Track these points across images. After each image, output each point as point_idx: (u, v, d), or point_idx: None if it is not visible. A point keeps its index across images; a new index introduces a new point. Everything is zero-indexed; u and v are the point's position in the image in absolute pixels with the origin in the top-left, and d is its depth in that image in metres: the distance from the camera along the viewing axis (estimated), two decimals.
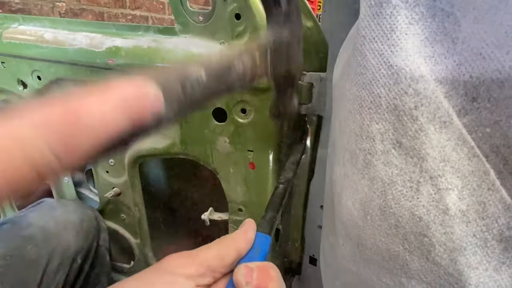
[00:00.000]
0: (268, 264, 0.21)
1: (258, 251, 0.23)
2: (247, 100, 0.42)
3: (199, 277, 0.20)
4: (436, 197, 0.18)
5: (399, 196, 0.20)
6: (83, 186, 0.71)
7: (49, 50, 0.51)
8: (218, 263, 0.21)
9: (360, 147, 0.21)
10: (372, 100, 0.19)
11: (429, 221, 0.19)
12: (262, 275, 0.20)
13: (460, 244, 0.18)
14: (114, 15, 1.55)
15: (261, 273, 0.20)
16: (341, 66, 0.24)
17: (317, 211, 0.49)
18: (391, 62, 0.18)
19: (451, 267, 0.19)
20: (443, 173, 0.18)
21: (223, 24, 0.41)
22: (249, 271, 0.20)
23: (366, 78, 0.19)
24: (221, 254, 0.21)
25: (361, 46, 0.19)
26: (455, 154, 0.17)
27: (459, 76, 0.16)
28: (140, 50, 0.45)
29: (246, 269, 0.20)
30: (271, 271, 0.21)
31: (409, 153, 0.19)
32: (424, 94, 0.17)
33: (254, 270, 0.20)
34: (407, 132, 0.18)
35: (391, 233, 0.21)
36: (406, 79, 0.18)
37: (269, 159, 0.45)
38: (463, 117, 0.17)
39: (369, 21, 0.18)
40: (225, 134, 0.45)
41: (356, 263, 0.27)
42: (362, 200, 0.23)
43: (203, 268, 0.20)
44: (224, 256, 0.21)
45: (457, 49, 0.16)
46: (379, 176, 0.21)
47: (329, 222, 0.33)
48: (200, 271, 0.20)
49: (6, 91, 0.60)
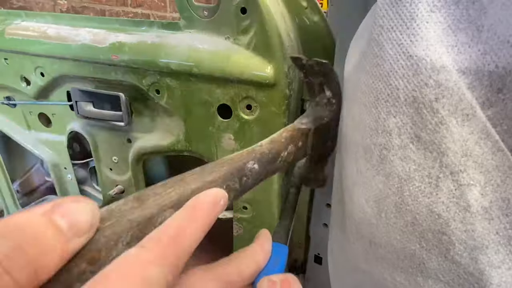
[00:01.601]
0: (290, 276, 0.21)
1: (276, 262, 0.23)
2: (252, 96, 0.41)
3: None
4: (456, 193, 0.18)
5: (417, 192, 0.19)
6: (86, 184, 0.71)
7: (52, 46, 0.50)
8: (237, 278, 0.21)
9: (376, 142, 0.21)
10: (389, 92, 0.19)
11: (448, 218, 0.18)
12: None
13: (482, 242, 0.17)
14: (115, 12, 1.54)
15: (284, 286, 0.20)
16: (354, 58, 0.24)
17: (322, 209, 0.48)
18: (410, 52, 0.17)
19: (472, 266, 0.18)
20: (464, 168, 0.17)
21: (228, 18, 0.40)
22: (273, 284, 0.20)
23: (383, 70, 0.19)
24: (240, 268, 0.21)
25: (378, 36, 0.18)
26: (478, 148, 0.17)
27: (484, 66, 0.16)
28: (144, 46, 0.45)
29: (269, 283, 0.20)
30: (293, 283, 0.21)
31: (428, 148, 0.18)
32: (445, 85, 0.16)
33: (277, 284, 0.20)
34: (426, 125, 0.18)
35: (407, 231, 0.21)
36: (427, 70, 0.17)
37: None
38: (487, 110, 0.16)
39: (387, 9, 0.18)
40: (229, 131, 0.44)
41: (367, 261, 0.26)
42: (376, 197, 0.22)
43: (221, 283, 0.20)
44: (243, 270, 0.21)
45: (482, 37, 0.15)
46: (396, 172, 0.20)
47: (338, 219, 0.33)
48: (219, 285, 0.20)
49: (9, 88, 0.60)
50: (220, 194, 0.18)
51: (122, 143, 0.55)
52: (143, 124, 0.53)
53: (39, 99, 0.58)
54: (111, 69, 0.47)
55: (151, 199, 0.16)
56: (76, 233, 0.13)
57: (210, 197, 0.18)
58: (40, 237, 0.12)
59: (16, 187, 0.81)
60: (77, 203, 0.13)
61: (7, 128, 0.66)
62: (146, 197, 0.16)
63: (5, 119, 0.66)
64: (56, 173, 0.65)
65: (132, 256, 0.13)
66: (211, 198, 0.18)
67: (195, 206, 0.17)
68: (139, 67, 0.45)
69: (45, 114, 0.61)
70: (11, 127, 0.66)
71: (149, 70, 0.45)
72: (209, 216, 0.17)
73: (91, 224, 0.13)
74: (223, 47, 0.41)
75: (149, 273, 0.13)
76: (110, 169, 0.59)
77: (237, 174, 0.22)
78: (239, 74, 0.40)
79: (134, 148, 0.54)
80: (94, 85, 0.52)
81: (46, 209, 0.13)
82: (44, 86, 0.55)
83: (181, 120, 0.47)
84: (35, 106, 0.61)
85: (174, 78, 0.44)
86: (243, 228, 0.50)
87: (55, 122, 0.61)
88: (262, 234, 0.24)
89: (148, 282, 0.13)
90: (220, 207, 0.18)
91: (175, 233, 0.15)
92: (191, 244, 0.15)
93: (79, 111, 0.52)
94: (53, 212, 0.13)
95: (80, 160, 0.68)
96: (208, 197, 0.18)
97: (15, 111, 0.64)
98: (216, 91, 0.43)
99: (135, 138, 0.54)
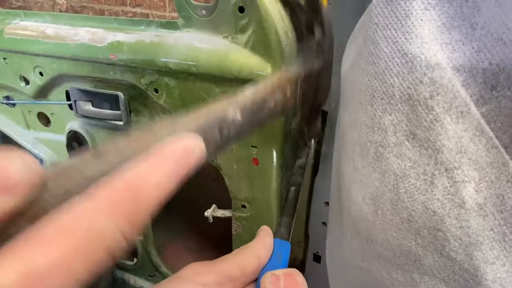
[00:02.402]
0: (294, 271, 0.21)
1: (279, 258, 0.23)
2: None
3: (218, 286, 0.20)
4: (451, 190, 0.18)
5: (412, 189, 0.19)
6: None
7: (51, 45, 0.50)
8: (239, 273, 0.21)
9: (371, 140, 0.21)
10: (384, 90, 0.19)
11: (443, 215, 0.18)
12: (289, 282, 0.20)
13: (477, 238, 0.18)
14: (114, 12, 1.54)
15: (288, 280, 0.20)
16: (351, 56, 0.24)
17: (321, 207, 0.48)
18: (405, 50, 0.17)
19: (467, 262, 0.18)
20: (459, 165, 0.17)
21: (226, 17, 0.40)
22: (276, 279, 0.20)
23: (378, 68, 0.19)
24: (242, 264, 0.21)
25: (374, 34, 0.18)
26: (473, 145, 0.17)
27: (478, 63, 0.16)
28: (142, 45, 0.45)
29: (273, 277, 0.20)
30: (298, 277, 0.21)
31: (424, 145, 0.18)
32: (440, 83, 0.17)
33: (281, 278, 0.20)
34: (421, 123, 0.18)
35: (403, 228, 0.21)
36: (421, 67, 0.17)
37: (273, 155, 0.44)
38: (481, 107, 0.16)
39: (382, 7, 0.18)
40: None
41: (365, 258, 0.26)
42: (372, 194, 0.22)
43: (222, 278, 0.20)
44: (245, 265, 0.21)
45: (476, 35, 0.15)
46: (391, 169, 0.20)
47: (336, 217, 0.33)
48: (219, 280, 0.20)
49: (8, 87, 0.60)
50: (193, 142, 0.15)
51: None
52: (142, 123, 0.53)
53: (38, 99, 0.58)
54: (109, 68, 0.48)
55: (112, 153, 0.14)
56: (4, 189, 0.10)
57: (181, 143, 0.15)
58: None
59: None
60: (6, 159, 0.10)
61: (6, 128, 0.66)
62: (105, 153, 0.14)
63: (4, 118, 0.66)
64: None
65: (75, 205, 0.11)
66: (181, 146, 0.14)
67: (162, 152, 0.14)
68: (137, 66, 0.45)
69: (44, 114, 0.61)
70: (10, 126, 0.66)
71: (147, 69, 0.45)
72: (180, 164, 0.14)
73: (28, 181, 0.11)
74: (222, 46, 0.41)
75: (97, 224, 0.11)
76: None
77: (217, 124, 0.19)
78: (237, 73, 0.40)
79: None
80: (93, 85, 0.52)
81: None
82: (43, 86, 0.55)
83: None
84: (34, 106, 0.61)
85: (172, 77, 0.44)
86: (242, 226, 0.50)
87: (54, 121, 0.61)
88: (263, 230, 0.24)
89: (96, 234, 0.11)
90: (195, 157, 0.15)
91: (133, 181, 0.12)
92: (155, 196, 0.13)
93: (78, 111, 0.52)
94: None
95: None
96: (178, 144, 0.14)
97: (14, 111, 0.64)
98: (215, 90, 0.43)
99: None
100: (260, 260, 0.22)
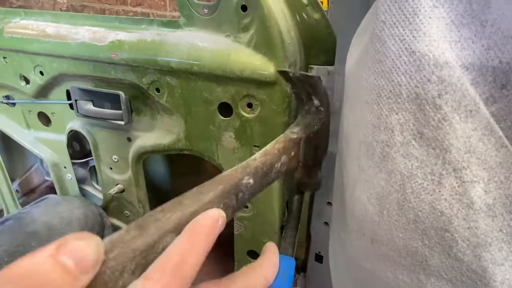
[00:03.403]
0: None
1: (285, 276, 0.23)
2: (253, 94, 0.41)
3: None
4: (459, 190, 0.17)
5: (419, 189, 0.19)
6: (86, 183, 0.70)
7: (51, 44, 0.50)
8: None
9: (378, 139, 0.20)
10: (391, 89, 0.19)
11: (451, 216, 0.18)
12: None
13: (485, 239, 0.17)
14: (115, 11, 1.54)
15: None
16: (355, 55, 0.23)
17: (323, 207, 0.48)
18: (413, 48, 0.17)
19: (475, 264, 0.18)
20: (468, 165, 0.17)
21: (229, 16, 0.40)
22: None
23: (385, 66, 0.18)
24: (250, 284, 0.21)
25: (380, 32, 0.18)
26: (482, 144, 0.16)
27: (488, 61, 0.15)
28: (144, 44, 0.45)
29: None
30: None
31: (431, 144, 0.18)
32: (448, 81, 0.16)
33: None
34: (429, 122, 0.18)
35: (409, 228, 0.21)
36: (430, 65, 0.17)
37: None
38: (491, 106, 0.16)
39: (389, 5, 0.17)
40: (230, 129, 0.44)
41: (369, 259, 0.26)
42: (378, 194, 0.22)
43: None
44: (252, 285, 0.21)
45: (486, 32, 0.15)
46: (398, 169, 0.20)
47: (339, 218, 0.32)
48: None
49: (8, 86, 0.60)
50: (218, 214, 0.19)
51: (122, 142, 0.55)
52: (143, 122, 0.52)
53: (38, 98, 0.58)
54: (110, 68, 0.47)
55: (152, 225, 0.17)
56: (83, 271, 0.13)
57: (209, 219, 0.18)
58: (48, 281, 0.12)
59: (16, 186, 0.81)
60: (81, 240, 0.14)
61: (7, 128, 0.66)
62: (146, 224, 0.17)
63: (5, 118, 0.66)
64: (56, 172, 0.65)
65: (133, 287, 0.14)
66: (210, 221, 0.18)
67: (195, 230, 0.17)
68: (139, 65, 0.45)
69: (44, 113, 0.61)
70: (11, 126, 0.66)
71: (149, 69, 0.45)
72: (209, 238, 0.17)
73: (97, 259, 0.14)
74: (224, 45, 0.41)
75: None
76: (110, 168, 0.59)
77: (234, 191, 0.22)
78: (240, 72, 0.40)
79: (134, 147, 0.54)
80: (93, 84, 0.51)
81: (51, 251, 0.13)
82: (44, 85, 0.55)
83: (182, 119, 0.47)
84: (34, 105, 0.61)
85: (174, 77, 0.44)
86: (244, 226, 0.50)
87: (54, 121, 0.61)
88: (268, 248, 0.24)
89: None
90: (219, 227, 0.18)
91: (178, 261, 0.15)
92: (193, 269, 0.16)
93: (78, 110, 0.52)
94: (59, 253, 0.13)
95: (80, 159, 0.68)
96: (206, 220, 0.18)
97: (14, 110, 0.64)
98: (217, 89, 0.42)
99: (135, 137, 0.54)
100: (267, 279, 0.22)
